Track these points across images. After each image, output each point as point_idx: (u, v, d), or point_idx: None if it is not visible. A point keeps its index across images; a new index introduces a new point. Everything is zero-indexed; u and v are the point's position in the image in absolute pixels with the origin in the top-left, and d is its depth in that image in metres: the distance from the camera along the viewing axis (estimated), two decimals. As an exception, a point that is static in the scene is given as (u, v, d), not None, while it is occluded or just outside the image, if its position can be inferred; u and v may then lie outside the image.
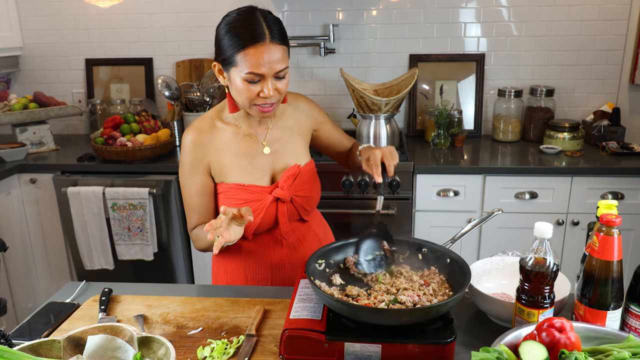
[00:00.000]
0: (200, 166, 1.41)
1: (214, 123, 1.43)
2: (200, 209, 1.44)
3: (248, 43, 1.24)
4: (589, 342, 0.95)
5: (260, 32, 1.25)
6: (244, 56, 1.25)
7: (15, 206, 2.57)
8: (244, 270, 1.50)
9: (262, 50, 1.25)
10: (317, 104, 1.60)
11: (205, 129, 1.42)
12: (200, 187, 1.42)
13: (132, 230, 2.44)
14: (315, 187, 1.51)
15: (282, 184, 1.42)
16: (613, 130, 2.61)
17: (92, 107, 3.01)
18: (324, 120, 1.59)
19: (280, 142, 1.47)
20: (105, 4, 2.65)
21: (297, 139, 1.50)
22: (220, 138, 1.42)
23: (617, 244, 0.99)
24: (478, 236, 2.47)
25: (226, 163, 1.42)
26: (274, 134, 1.46)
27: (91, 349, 0.97)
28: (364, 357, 1.03)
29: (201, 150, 1.41)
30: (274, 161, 1.45)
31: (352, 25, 2.87)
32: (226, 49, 1.28)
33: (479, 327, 1.19)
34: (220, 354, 1.08)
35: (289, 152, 1.47)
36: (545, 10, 2.76)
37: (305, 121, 1.53)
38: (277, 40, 1.27)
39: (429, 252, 1.27)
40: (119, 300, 1.33)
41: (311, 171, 1.51)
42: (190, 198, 1.44)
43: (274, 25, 1.28)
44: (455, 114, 2.73)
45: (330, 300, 1.05)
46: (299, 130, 1.51)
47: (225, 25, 1.29)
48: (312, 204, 1.52)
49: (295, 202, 1.45)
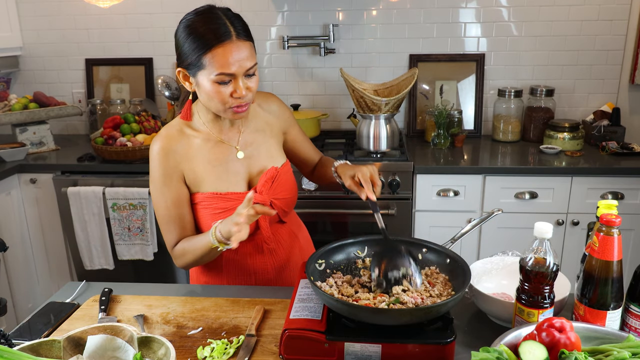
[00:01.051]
0: (174, 175, 1.34)
1: (182, 130, 1.36)
2: (179, 221, 1.35)
3: (214, 43, 1.19)
4: (589, 342, 0.95)
5: (224, 30, 1.20)
6: (211, 57, 1.19)
7: (15, 206, 2.57)
8: (226, 281, 1.47)
9: (230, 48, 1.19)
10: (286, 105, 1.55)
11: (174, 137, 1.35)
12: (176, 198, 1.34)
13: (132, 230, 2.44)
14: (293, 188, 1.47)
15: (260, 188, 1.36)
16: (613, 130, 2.61)
17: (92, 107, 3.01)
18: (293, 123, 1.53)
19: (254, 145, 1.41)
20: (105, 4, 2.65)
21: (271, 140, 1.45)
22: (191, 145, 1.35)
23: (617, 244, 0.99)
24: (478, 236, 2.47)
25: (199, 171, 1.35)
26: (246, 137, 1.41)
27: (91, 349, 0.97)
28: (364, 357, 1.03)
29: (172, 158, 1.33)
30: (249, 165, 1.40)
31: (352, 25, 2.87)
32: (190, 53, 1.22)
33: (479, 327, 1.19)
34: (220, 354, 1.08)
35: (264, 154, 1.42)
36: (545, 10, 2.76)
37: (275, 122, 1.47)
38: (243, 37, 1.22)
39: (429, 252, 1.27)
40: (119, 300, 1.33)
41: (288, 172, 1.46)
42: (166, 211, 1.35)
43: (237, 22, 1.23)
44: (455, 114, 2.73)
45: (330, 300, 1.05)
46: (271, 131, 1.46)
47: (185, 28, 1.23)
48: (291, 205, 1.48)
49: (275, 205, 1.39)
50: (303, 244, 1.56)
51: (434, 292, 1.14)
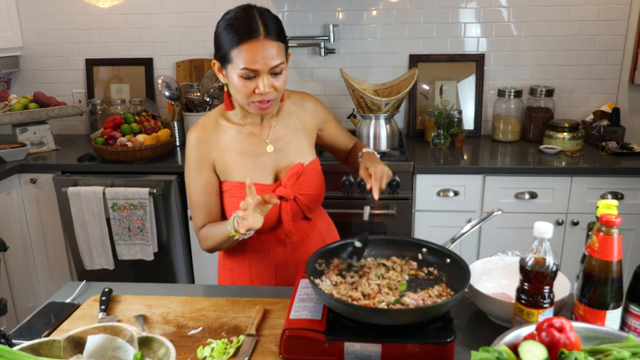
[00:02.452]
0: (206, 164, 1.42)
1: (217, 121, 1.44)
2: (207, 207, 1.43)
3: (243, 39, 1.25)
4: (588, 342, 0.95)
5: (255, 28, 1.26)
6: (238, 52, 1.26)
7: (16, 206, 2.57)
8: (248, 268, 1.50)
9: (256, 46, 1.25)
10: (322, 103, 1.60)
11: (209, 127, 1.43)
12: (206, 185, 1.42)
13: (133, 230, 2.44)
14: (319, 186, 1.51)
15: (285, 182, 1.42)
16: (613, 130, 2.62)
17: (92, 107, 3.01)
18: (329, 119, 1.60)
19: (284, 141, 1.47)
20: (105, 4, 2.65)
21: (302, 137, 1.50)
22: (224, 136, 1.43)
23: (616, 244, 0.99)
24: (478, 236, 2.47)
25: (230, 161, 1.42)
26: (277, 132, 1.47)
27: (91, 349, 0.97)
28: (364, 357, 1.03)
29: (206, 147, 1.41)
30: (278, 159, 1.45)
31: (352, 25, 2.87)
32: (223, 46, 1.29)
33: (479, 327, 1.19)
34: (220, 354, 1.08)
35: (293, 150, 1.47)
36: (545, 10, 2.76)
37: (310, 120, 1.53)
38: (272, 37, 1.28)
39: (429, 252, 1.27)
40: (119, 300, 1.33)
41: (315, 169, 1.51)
42: (196, 197, 1.43)
43: (271, 22, 1.29)
44: (455, 114, 2.74)
45: (330, 300, 1.05)
46: (304, 128, 1.51)
47: (223, 22, 1.30)
48: (316, 202, 1.52)
49: (299, 201, 1.45)
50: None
51: (433, 292, 1.14)
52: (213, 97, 2.77)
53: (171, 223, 2.49)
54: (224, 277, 1.57)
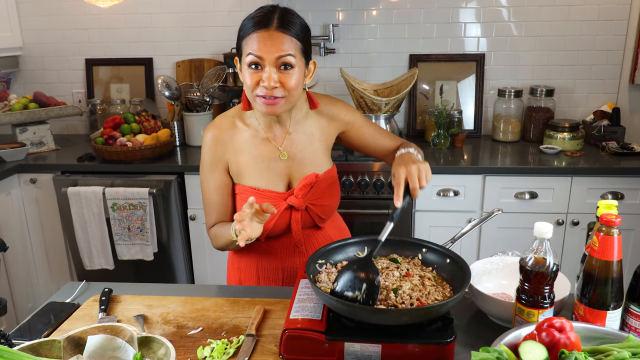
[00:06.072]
0: (220, 164, 1.41)
1: (234, 122, 1.42)
2: (218, 207, 1.43)
3: (254, 28, 1.26)
4: (589, 342, 0.95)
5: (267, 20, 1.25)
6: (248, 40, 1.26)
7: (15, 206, 2.57)
8: (256, 269, 1.50)
9: (264, 35, 1.25)
10: (346, 103, 1.52)
11: (225, 127, 1.41)
12: (219, 185, 1.42)
13: (132, 230, 2.44)
14: (332, 196, 1.47)
15: (297, 192, 1.39)
16: (613, 130, 2.61)
17: (92, 107, 3.01)
18: (354, 119, 1.49)
19: (299, 148, 1.43)
20: (105, 4, 2.65)
21: (318, 145, 1.45)
22: (239, 138, 1.41)
23: (617, 244, 0.99)
24: (478, 236, 2.47)
25: (243, 164, 1.41)
26: (292, 139, 1.42)
27: (91, 349, 0.97)
28: (364, 357, 1.03)
29: (220, 147, 1.40)
30: (291, 167, 1.42)
31: (352, 25, 2.87)
32: (238, 38, 1.30)
33: (479, 327, 1.19)
34: (220, 354, 1.08)
35: (308, 159, 1.43)
36: (545, 10, 2.76)
37: (328, 125, 1.47)
38: (284, 30, 1.25)
39: (429, 252, 1.27)
40: (119, 300, 1.33)
41: (331, 179, 1.46)
42: (209, 196, 1.43)
43: (286, 16, 1.27)
44: (455, 114, 2.73)
45: (330, 300, 1.05)
46: (321, 135, 1.46)
47: (246, 17, 1.31)
48: (329, 212, 1.48)
49: (311, 211, 1.42)
50: None
51: (425, 291, 1.14)
52: (213, 97, 2.77)
53: (171, 223, 2.49)
54: (232, 275, 1.56)
